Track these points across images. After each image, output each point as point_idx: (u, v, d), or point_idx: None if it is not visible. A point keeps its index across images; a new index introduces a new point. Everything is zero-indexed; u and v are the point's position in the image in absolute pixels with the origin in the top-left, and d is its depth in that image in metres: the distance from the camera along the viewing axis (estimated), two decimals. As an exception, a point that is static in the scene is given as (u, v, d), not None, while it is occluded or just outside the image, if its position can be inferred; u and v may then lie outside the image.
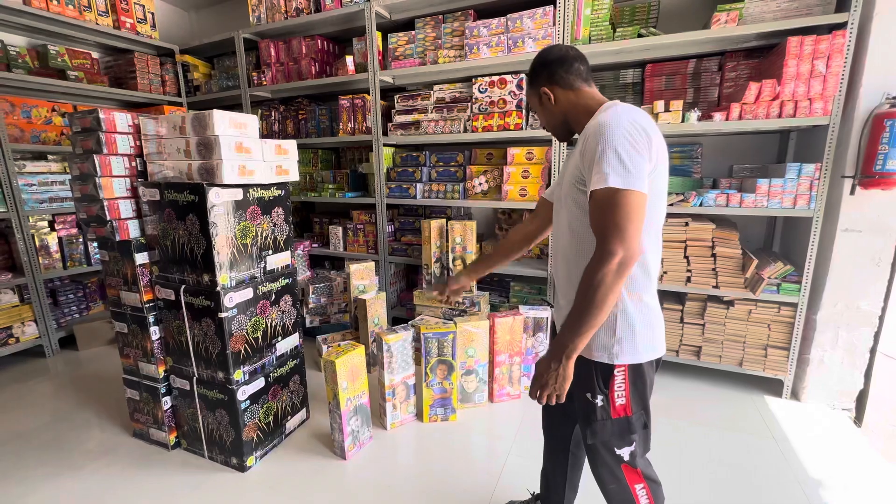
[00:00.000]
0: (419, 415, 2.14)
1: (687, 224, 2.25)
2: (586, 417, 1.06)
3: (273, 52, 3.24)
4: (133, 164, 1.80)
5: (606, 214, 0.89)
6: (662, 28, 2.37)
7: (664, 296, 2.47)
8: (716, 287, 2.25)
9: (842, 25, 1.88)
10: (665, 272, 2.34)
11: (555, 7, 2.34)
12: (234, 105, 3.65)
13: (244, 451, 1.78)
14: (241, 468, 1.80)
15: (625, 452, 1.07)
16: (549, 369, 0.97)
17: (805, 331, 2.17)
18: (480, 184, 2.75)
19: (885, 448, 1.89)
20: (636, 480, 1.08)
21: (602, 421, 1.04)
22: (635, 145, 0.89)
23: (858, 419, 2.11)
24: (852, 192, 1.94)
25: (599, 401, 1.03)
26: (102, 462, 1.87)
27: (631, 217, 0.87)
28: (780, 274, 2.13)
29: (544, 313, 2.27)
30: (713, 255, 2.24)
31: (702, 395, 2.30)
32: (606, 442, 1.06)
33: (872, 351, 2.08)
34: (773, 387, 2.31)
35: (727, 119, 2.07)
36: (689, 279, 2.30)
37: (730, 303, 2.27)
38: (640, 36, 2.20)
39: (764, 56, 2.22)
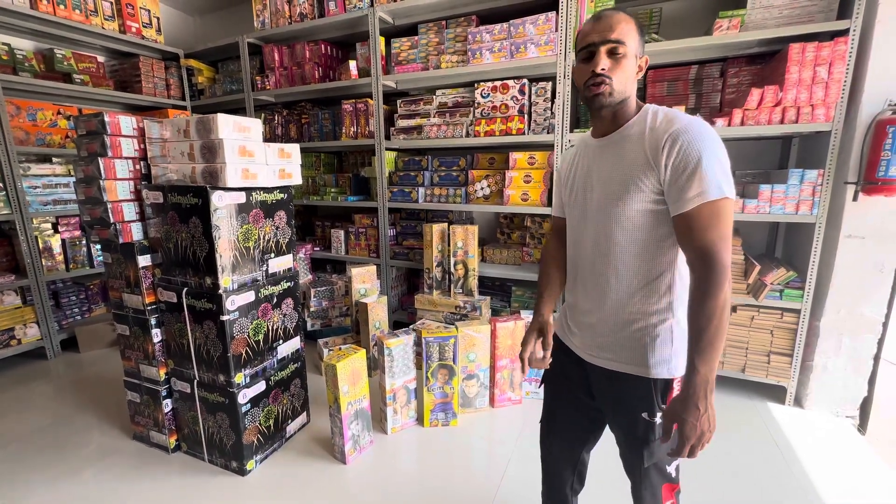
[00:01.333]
0: (420, 419, 2.14)
1: (689, 229, 2.25)
2: (644, 440, 0.98)
3: (277, 57, 3.26)
4: (137, 167, 1.81)
5: (717, 227, 0.83)
6: (664, 34, 2.38)
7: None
8: (718, 293, 2.24)
9: (844, 32, 1.89)
10: (667, 277, 2.33)
11: (557, 13, 2.35)
12: (237, 109, 3.66)
13: (244, 455, 1.78)
14: (241, 472, 1.79)
15: (672, 468, 1.03)
16: (700, 414, 0.85)
17: (808, 337, 2.16)
18: (482, 188, 2.76)
19: (889, 456, 1.87)
20: (669, 498, 1.05)
21: (659, 440, 0.97)
22: (725, 151, 0.87)
23: (862, 427, 2.09)
24: (855, 198, 1.94)
25: (658, 418, 0.96)
26: (102, 465, 1.87)
27: (731, 225, 0.85)
28: (783, 280, 2.12)
29: (546, 318, 2.26)
30: (715, 261, 2.23)
31: (704, 401, 2.29)
32: (660, 461, 1.01)
33: (876, 358, 2.07)
34: (776, 393, 2.30)
35: (729, 125, 2.07)
36: (691, 285, 2.29)
37: (732, 308, 2.26)
38: (642, 42, 2.21)
39: (766, 62, 2.23)
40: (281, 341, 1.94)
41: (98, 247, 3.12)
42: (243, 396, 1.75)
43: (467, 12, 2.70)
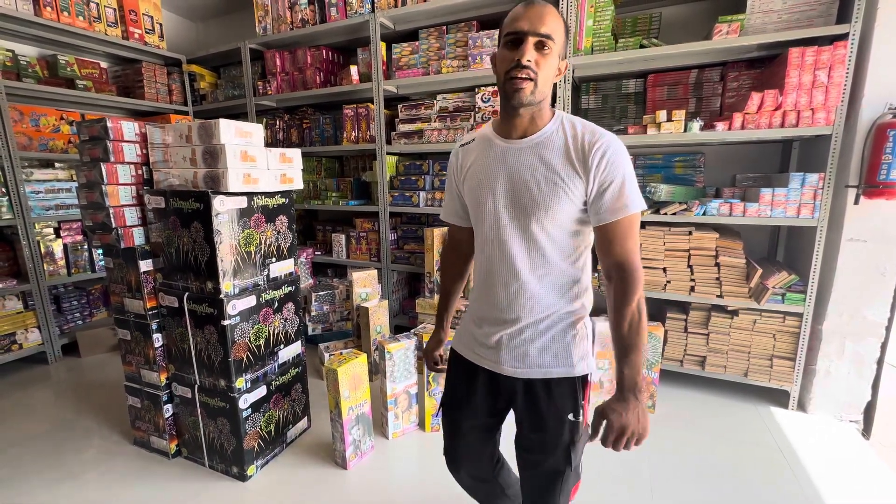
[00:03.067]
0: (421, 424, 2.13)
1: (690, 233, 2.25)
2: (571, 441, 0.97)
3: (278, 62, 3.28)
4: (139, 172, 1.82)
5: (632, 237, 0.90)
6: (664, 39, 2.39)
7: (668, 305, 2.46)
8: (720, 296, 2.23)
9: (843, 36, 1.89)
10: (669, 281, 2.33)
11: (557, 18, 2.36)
12: (239, 114, 3.68)
13: (245, 460, 1.77)
14: (242, 477, 1.78)
15: (581, 464, 1.03)
16: (629, 408, 0.87)
17: (811, 341, 2.15)
18: (483, 192, 2.75)
19: (893, 460, 1.86)
20: (573, 497, 1.05)
21: (580, 438, 0.98)
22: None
23: (866, 431, 2.08)
24: (856, 201, 1.94)
25: (581, 417, 0.97)
26: (101, 470, 1.86)
27: (638, 235, 0.93)
28: (785, 283, 2.11)
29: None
30: (717, 265, 2.23)
31: (706, 405, 2.28)
32: (579, 461, 1.01)
33: (879, 362, 2.06)
34: (779, 398, 2.29)
35: (729, 128, 2.08)
36: (692, 288, 2.29)
37: (734, 312, 2.25)
38: (642, 46, 2.22)
39: (766, 66, 2.23)
40: (282, 346, 1.94)
41: (100, 251, 3.13)
42: (244, 401, 1.75)
43: (468, 17, 2.71)
